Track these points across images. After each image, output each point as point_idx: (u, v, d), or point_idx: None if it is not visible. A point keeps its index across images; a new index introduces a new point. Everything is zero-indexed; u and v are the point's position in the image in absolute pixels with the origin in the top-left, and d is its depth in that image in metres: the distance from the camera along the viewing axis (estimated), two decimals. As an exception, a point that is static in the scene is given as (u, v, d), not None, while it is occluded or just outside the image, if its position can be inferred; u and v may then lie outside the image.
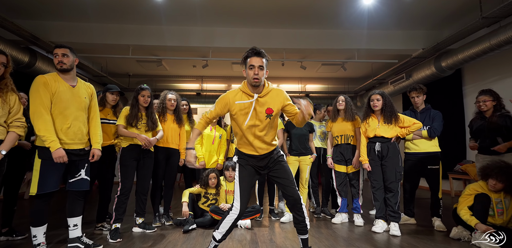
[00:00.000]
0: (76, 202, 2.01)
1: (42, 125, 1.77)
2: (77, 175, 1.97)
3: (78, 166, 1.99)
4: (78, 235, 2.02)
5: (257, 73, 1.62)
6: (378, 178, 2.64)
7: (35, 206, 1.88)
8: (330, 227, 2.79)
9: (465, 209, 2.31)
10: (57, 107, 1.87)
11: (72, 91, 1.95)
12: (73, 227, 2.00)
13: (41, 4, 3.97)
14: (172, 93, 2.98)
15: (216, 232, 1.75)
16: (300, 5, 4.00)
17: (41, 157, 1.84)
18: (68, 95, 1.92)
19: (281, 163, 1.80)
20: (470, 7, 3.89)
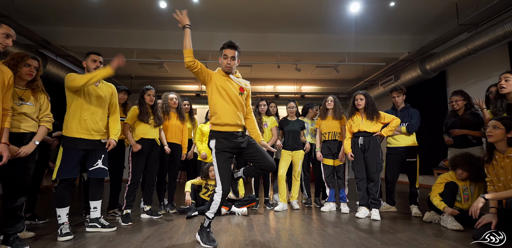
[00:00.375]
0: (96, 188, 2.32)
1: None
2: (95, 165, 2.28)
3: (95, 157, 2.28)
4: (98, 216, 2.32)
5: (229, 62, 1.96)
6: (361, 169, 2.94)
7: (58, 190, 2.18)
8: (319, 214, 3.09)
9: (436, 195, 2.62)
10: (79, 101, 2.19)
11: (95, 90, 2.26)
12: (94, 209, 2.31)
13: (52, 11, 4.27)
14: (172, 93, 3.29)
15: (208, 212, 2.00)
16: (294, 11, 4.32)
17: (64, 145, 2.16)
18: (91, 93, 2.23)
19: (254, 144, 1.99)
20: (450, 14, 4.23)
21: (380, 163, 2.89)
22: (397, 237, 2.17)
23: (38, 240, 2.08)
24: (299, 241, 2.05)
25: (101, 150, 2.33)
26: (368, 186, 2.90)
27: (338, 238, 2.14)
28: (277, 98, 8.15)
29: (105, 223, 2.35)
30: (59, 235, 2.08)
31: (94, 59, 2.31)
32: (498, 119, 2.00)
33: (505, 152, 1.97)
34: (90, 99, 2.24)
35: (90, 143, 2.23)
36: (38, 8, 4.16)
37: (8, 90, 1.71)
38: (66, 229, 2.11)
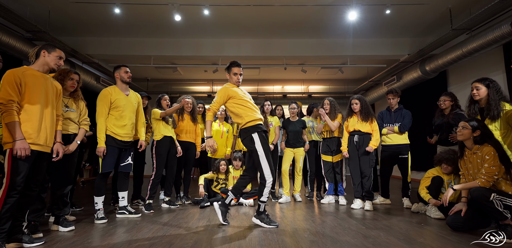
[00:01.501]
0: (124, 181, 2.76)
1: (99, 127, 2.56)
2: (126, 160, 2.71)
3: (127, 154, 2.71)
4: (125, 204, 2.76)
5: (239, 78, 2.53)
6: (355, 165, 3.25)
7: (97, 181, 2.61)
8: (319, 206, 3.43)
9: (424, 188, 2.90)
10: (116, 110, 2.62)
11: (126, 99, 2.68)
12: (122, 198, 2.75)
13: (79, 24, 4.77)
14: (189, 98, 3.68)
15: (262, 198, 2.42)
16: (296, 19, 4.64)
17: (106, 143, 2.57)
18: (124, 102, 2.65)
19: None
20: (443, 19, 4.44)
21: (372, 159, 3.20)
22: (382, 223, 2.48)
23: (79, 222, 2.53)
24: (295, 225, 2.40)
25: (131, 148, 2.75)
26: (362, 180, 3.21)
27: (330, 223, 2.47)
28: (285, 97, 8.46)
29: (132, 210, 2.78)
30: (96, 218, 2.53)
31: (126, 71, 2.76)
32: (467, 120, 2.28)
33: (472, 149, 2.25)
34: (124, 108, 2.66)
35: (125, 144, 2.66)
36: (67, 22, 4.67)
37: (59, 100, 2.14)
38: (101, 214, 2.55)
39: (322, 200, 3.62)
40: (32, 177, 1.88)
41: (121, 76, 2.73)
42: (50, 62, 2.01)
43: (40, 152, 1.90)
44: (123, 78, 2.73)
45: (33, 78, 1.90)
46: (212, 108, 2.45)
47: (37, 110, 1.88)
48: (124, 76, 2.73)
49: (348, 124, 3.36)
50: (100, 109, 2.58)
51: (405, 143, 3.32)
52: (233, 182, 3.65)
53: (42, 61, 2.00)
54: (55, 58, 2.02)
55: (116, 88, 2.69)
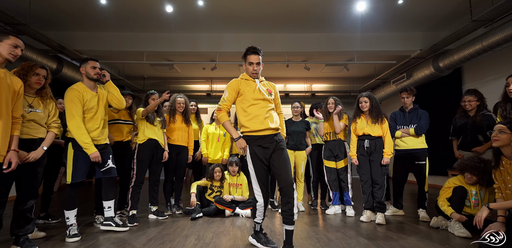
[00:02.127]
0: (109, 188, 2.41)
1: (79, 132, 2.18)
2: (106, 165, 2.35)
3: (104, 158, 2.35)
4: (112, 215, 2.43)
5: (255, 68, 1.99)
6: (366, 172, 2.89)
7: (67, 193, 2.27)
8: (324, 217, 3.07)
9: (444, 200, 2.54)
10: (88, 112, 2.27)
11: (96, 98, 2.33)
12: (108, 208, 2.41)
13: (66, 17, 4.44)
14: (181, 97, 3.33)
15: (256, 219, 2.04)
16: (300, 11, 4.27)
17: (74, 147, 2.21)
18: (95, 102, 2.30)
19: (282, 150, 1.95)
20: (462, 10, 4.03)
21: (385, 166, 2.83)
22: (400, 244, 2.12)
23: (48, 240, 2.20)
24: (297, 246, 2.05)
25: (108, 151, 2.41)
26: (373, 189, 2.85)
27: (338, 244, 2.12)
28: (287, 96, 8.10)
29: (119, 222, 2.45)
30: (67, 236, 2.19)
31: (94, 66, 2.34)
32: (505, 123, 1.91)
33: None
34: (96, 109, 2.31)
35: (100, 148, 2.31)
36: (53, 14, 4.34)
37: (18, 99, 1.81)
38: (74, 231, 2.22)
39: (327, 211, 3.26)
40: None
41: (87, 72, 2.32)
42: (2, 52, 1.68)
43: None
44: (89, 74, 2.32)
45: (-20, 72, 1.57)
46: (223, 107, 2.02)
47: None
48: (90, 72, 2.32)
49: (356, 126, 2.99)
50: (75, 110, 2.19)
51: (423, 148, 2.94)
52: (229, 190, 3.31)
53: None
54: (8, 46, 1.70)
55: (83, 86, 2.31)
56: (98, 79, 2.38)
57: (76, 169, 2.22)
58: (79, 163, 2.23)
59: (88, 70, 2.32)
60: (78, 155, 2.23)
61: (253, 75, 2.00)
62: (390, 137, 2.87)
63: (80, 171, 2.23)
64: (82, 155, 2.23)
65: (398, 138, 3.02)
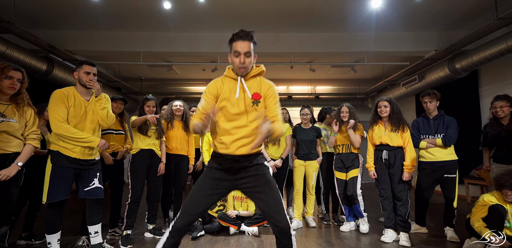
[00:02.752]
0: (94, 210, 2.07)
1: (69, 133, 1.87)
2: (91, 184, 2.02)
3: (90, 175, 2.04)
4: (100, 241, 2.09)
5: (243, 61, 1.38)
6: (386, 187, 2.59)
7: (47, 215, 1.93)
8: (339, 235, 2.77)
9: (479, 220, 2.24)
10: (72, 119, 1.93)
11: (86, 105, 2.00)
12: (94, 234, 2.07)
13: (56, 15, 4.13)
14: (178, 101, 3.04)
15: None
16: (307, 9, 3.98)
17: (53, 161, 1.88)
18: (83, 110, 1.97)
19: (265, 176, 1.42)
20: (485, 7, 3.75)
21: (408, 180, 2.53)
22: (436, 275, 1.82)
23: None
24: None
25: (96, 168, 2.09)
26: (396, 206, 2.54)
27: (363, 275, 1.81)
28: (290, 99, 7.81)
29: (109, 247, 2.13)
30: (49, 264, 1.88)
31: (88, 71, 1.99)
32: None
33: None
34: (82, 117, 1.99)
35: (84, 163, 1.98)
36: (42, 12, 4.03)
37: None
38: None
39: (341, 227, 2.95)
40: None
41: (80, 76, 1.99)
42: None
43: None
44: (81, 80, 1.98)
45: None
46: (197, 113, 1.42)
47: None
48: (82, 78, 1.97)
49: (372, 134, 2.69)
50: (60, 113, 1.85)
51: (452, 160, 2.61)
52: (233, 204, 3.00)
53: None
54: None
55: (73, 90, 1.98)
56: (89, 88, 2.02)
57: (54, 187, 1.88)
58: (57, 179, 1.89)
59: (81, 75, 1.97)
60: (57, 170, 1.89)
61: (240, 71, 1.41)
62: (412, 148, 2.56)
63: (59, 189, 1.88)
64: (61, 170, 1.89)
65: (423, 149, 2.70)
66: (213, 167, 1.45)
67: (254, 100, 1.43)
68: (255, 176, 1.42)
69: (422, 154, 2.70)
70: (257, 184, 1.41)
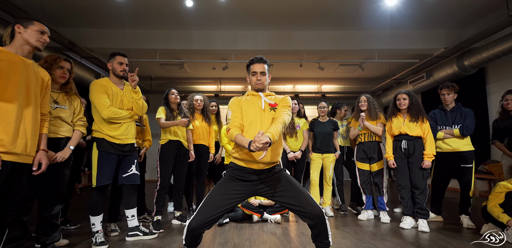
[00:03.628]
0: (130, 195, 2.21)
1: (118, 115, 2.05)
2: (129, 170, 2.17)
3: (129, 162, 2.18)
4: (136, 224, 2.23)
5: (259, 78, 1.63)
6: (404, 176, 2.71)
7: (93, 198, 2.08)
8: (356, 223, 2.88)
9: (496, 206, 2.35)
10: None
11: (122, 94, 2.14)
12: (131, 217, 2.21)
13: (77, 13, 4.26)
14: (199, 95, 3.17)
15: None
16: (321, 7, 4.11)
17: (99, 148, 2.04)
18: (119, 98, 2.11)
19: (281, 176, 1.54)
20: (495, 4, 3.88)
21: (427, 169, 2.65)
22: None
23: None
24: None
25: (134, 155, 2.22)
26: (414, 195, 2.66)
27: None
28: (297, 97, 7.93)
29: (145, 230, 2.26)
30: (94, 244, 2.00)
31: (121, 62, 2.15)
32: None
33: None
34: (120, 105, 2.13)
35: (125, 149, 2.12)
36: (64, 10, 4.16)
37: (46, 94, 1.62)
38: (100, 238, 2.02)
39: (359, 216, 3.07)
40: (7, 198, 1.37)
41: (114, 67, 2.14)
42: (29, 39, 1.51)
43: (17, 163, 1.39)
44: (115, 70, 2.13)
45: (8, 63, 1.40)
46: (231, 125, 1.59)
47: (13, 107, 1.37)
48: (116, 68, 2.13)
49: (391, 125, 2.82)
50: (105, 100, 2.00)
51: (469, 150, 2.73)
52: (255, 194, 3.11)
53: (20, 41, 1.50)
54: (35, 33, 1.52)
55: (109, 81, 2.13)
56: (124, 76, 2.19)
57: (102, 171, 2.03)
58: (104, 164, 2.04)
59: (114, 65, 2.13)
60: (103, 156, 2.04)
61: (257, 86, 1.64)
62: (432, 138, 2.69)
63: (106, 173, 2.04)
64: (107, 156, 2.04)
65: (440, 140, 2.83)
66: (232, 177, 1.54)
67: (271, 107, 1.63)
68: (273, 181, 1.53)
69: (439, 145, 2.82)
70: (277, 186, 1.51)
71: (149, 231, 2.27)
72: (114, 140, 2.05)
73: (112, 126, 2.05)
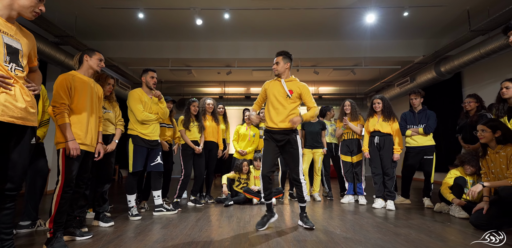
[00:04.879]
0: (156, 180, 2.85)
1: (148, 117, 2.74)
2: (155, 160, 2.81)
3: (155, 154, 2.82)
4: (161, 202, 2.88)
5: (275, 67, 2.37)
6: (377, 165, 3.32)
7: (128, 181, 2.72)
8: (339, 205, 3.49)
9: (446, 188, 2.96)
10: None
11: (151, 101, 2.79)
12: (157, 197, 2.85)
13: (101, 28, 4.92)
14: (210, 99, 3.79)
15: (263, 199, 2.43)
16: (313, 22, 4.73)
17: (134, 142, 2.68)
18: (149, 104, 2.76)
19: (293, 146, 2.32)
20: (460, 21, 4.48)
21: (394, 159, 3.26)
22: (409, 222, 2.54)
23: (115, 219, 2.64)
24: (324, 224, 2.48)
25: (159, 148, 2.86)
26: (384, 180, 3.27)
27: (357, 222, 2.54)
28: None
29: (168, 207, 2.90)
30: (130, 215, 2.64)
31: (152, 76, 2.82)
32: (484, 123, 2.35)
33: (495, 148, 2.32)
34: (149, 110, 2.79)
35: (153, 144, 2.77)
36: (91, 26, 4.83)
37: (100, 102, 2.25)
38: (135, 211, 2.66)
39: (341, 200, 3.68)
40: (80, 175, 2.00)
41: (147, 80, 2.80)
42: (93, 65, 2.10)
43: (87, 151, 2.02)
44: (148, 83, 2.80)
45: (81, 83, 2.01)
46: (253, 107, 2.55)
47: (84, 112, 2.00)
48: (149, 81, 2.79)
49: (368, 124, 3.43)
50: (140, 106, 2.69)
51: (431, 145, 3.35)
52: (254, 182, 3.74)
53: (86, 66, 2.09)
54: (96, 61, 2.11)
55: (142, 91, 2.79)
56: (153, 88, 2.84)
57: (136, 160, 2.66)
58: (138, 155, 2.68)
59: (147, 79, 2.80)
60: (137, 148, 2.68)
61: (275, 72, 2.38)
62: (400, 135, 3.29)
63: (139, 162, 2.67)
64: (140, 148, 2.68)
65: (408, 137, 3.44)
66: (267, 138, 2.40)
67: (289, 94, 2.32)
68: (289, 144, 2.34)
69: (408, 141, 3.44)
70: (288, 150, 2.35)
71: (171, 208, 2.91)
72: (145, 136, 2.70)
73: (143, 126, 2.70)
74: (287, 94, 2.30)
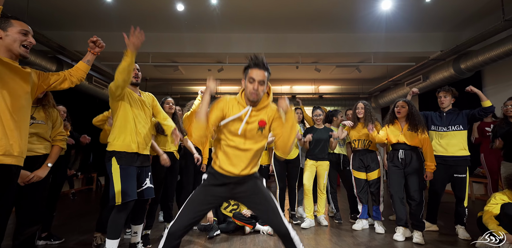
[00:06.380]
0: (140, 210, 2.05)
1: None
2: (144, 184, 1.98)
3: (145, 174, 2.00)
4: (138, 240, 2.12)
5: (256, 88, 1.43)
6: (398, 188, 2.64)
7: (113, 217, 1.80)
8: (351, 234, 2.82)
9: (492, 218, 2.30)
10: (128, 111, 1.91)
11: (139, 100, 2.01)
12: (134, 234, 2.09)
13: (65, 16, 4.16)
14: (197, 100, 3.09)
15: None
16: (317, 10, 4.03)
17: (120, 163, 1.80)
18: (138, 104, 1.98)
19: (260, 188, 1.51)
20: (491, 9, 3.82)
21: (424, 180, 2.59)
22: (453, 271, 1.88)
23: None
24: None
25: (149, 166, 2.06)
26: (410, 206, 2.60)
27: (384, 272, 1.87)
28: (294, 98, 7.86)
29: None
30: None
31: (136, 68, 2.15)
32: None
33: None
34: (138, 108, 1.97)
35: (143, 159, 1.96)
36: (52, 13, 4.06)
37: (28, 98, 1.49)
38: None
39: (354, 226, 3.01)
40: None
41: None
42: (12, 45, 1.29)
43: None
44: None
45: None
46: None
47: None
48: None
49: (387, 131, 2.75)
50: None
51: (464, 155, 2.67)
52: (247, 203, 3.04)
53: (1, 46, 1.29)
54: (17, 35, 1.30)
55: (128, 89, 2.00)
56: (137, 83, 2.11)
57: (128, 186, 1.79)
58: (129, 178, 1.82)
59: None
60: (125, 170, 1.81)
61: (252, 96, 1.44)
62: (432, 149, 2.61)
63: (130, 188, 1.81)
64: (128, 170, 1.82)
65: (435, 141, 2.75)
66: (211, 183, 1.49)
67: (260, 127, 1.49)
68: (250, 188, 1.51)
69: (434, 148, 2.72)
70: (253, 195, 1.50)
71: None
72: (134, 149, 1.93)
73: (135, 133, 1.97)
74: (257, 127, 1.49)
